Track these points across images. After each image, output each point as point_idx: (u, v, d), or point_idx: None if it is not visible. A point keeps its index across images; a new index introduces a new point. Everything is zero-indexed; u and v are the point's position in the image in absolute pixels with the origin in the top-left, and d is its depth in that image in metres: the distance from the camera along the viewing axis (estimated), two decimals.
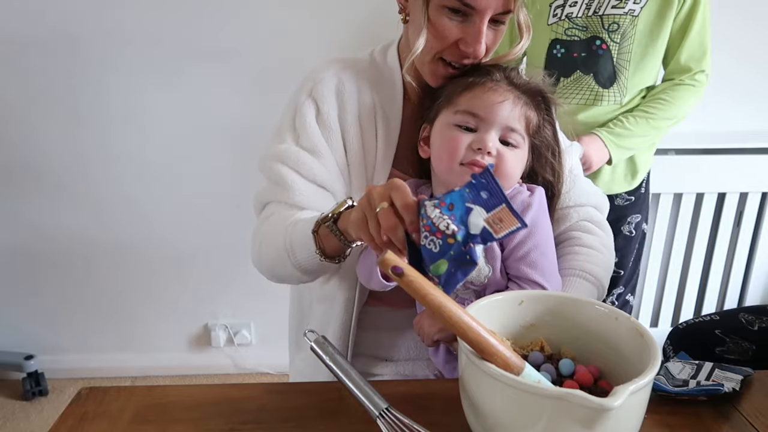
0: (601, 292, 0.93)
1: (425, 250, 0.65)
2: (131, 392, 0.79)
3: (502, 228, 0.62)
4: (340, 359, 0.72)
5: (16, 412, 1.96)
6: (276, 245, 0.91)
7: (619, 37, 1.41)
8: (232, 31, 1.83)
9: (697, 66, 1.47)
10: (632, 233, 1.61)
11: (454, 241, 0.63)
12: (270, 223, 0.95)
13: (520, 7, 0.87)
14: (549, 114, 0.93)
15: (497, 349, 0.60)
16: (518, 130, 0.88)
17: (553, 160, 0.94)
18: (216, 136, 1.92)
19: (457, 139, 0.86)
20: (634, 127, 1.45)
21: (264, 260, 0.95)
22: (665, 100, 1.47)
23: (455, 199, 0.64)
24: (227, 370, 2.18)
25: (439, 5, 0.86)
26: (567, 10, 1.41)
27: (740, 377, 0.79)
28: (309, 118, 0.96)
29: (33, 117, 1.89)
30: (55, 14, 1.79)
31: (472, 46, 0.87)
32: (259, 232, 0.96)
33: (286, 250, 0.88)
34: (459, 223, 0.63)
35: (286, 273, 0.92)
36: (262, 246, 0.94)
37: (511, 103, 0.87)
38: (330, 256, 0.86)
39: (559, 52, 1.46)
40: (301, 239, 0.86)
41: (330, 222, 0.82)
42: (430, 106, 0.94)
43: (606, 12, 1.40)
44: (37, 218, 1.99)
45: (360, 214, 0.73)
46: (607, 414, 0.53)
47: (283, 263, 0.90)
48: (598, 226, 1.00)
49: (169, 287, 2.09)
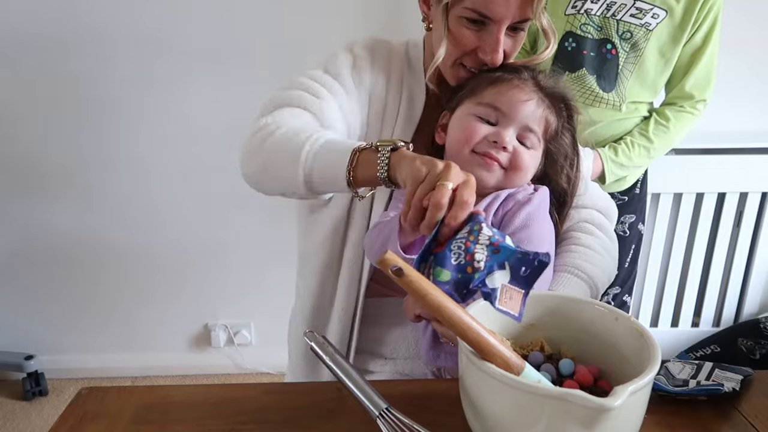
0: (594, 291, 0.92)
1: (448, 251, 0.65)
2: (131, 392, 0.79)
3: (505, 304, 0.62)
4: (340, 359, 0.72)
5: (16, 412, 1.96)
6: (295, 141, 0.83)
7: (629, 47, 1.42)
8: (234, 32, 1.83)
9: (700, 95, 1.48)
10: (626, 233, 1.61)
11: (470, 272, 0.63)
12: (294, 116, 0.90)
13: (542, 13, 0.88)
14: (570, 122, 0.94)
15: (497, 349, 0.60)
16: (536, 132, 0.89)
17: (569, 169, 0.95)
18: (216, 136, 1.92)
19: (475, 128, 0.87)
20: (636, 159, 1.48)
21: (266, 149, 0.85)
22: (666, 127, 1.48)
23: (504, 249, 0.64)
24: (227, 370, 2.18)
25: (458, 15, 0.88)
26: (587, 6, 1.41)
27: (740, 377, 0.79)
28: (343, 61, 0.96)
29: (33, 117, 1.89)
30: (56, 14, 1.79)
31: (489, 55, 0.89)
32: (273, 120, 0.89)
33: (307, 152, 0.81)
34: (487, 268, 0.63)
35: (283, 174, 0.84)
36: (275, 135, 0.86)
37: (535, 104, 0.88)
38: (352, 182, 0.79)
39: (570, 45, 1.45)
40: (333, 150, 0.81)
41: (387, 150, 0.77)
42: (451, 96, 0.95)
43: (623, 18, 1.40)
44: (38, 218, 1.99)
45: (424, 169, 0.70)
46: (607, 414, 0.53)
47: (291, 161, 0.82)
48: (599, 228, 1.00)
49: (169, 287, 2.09)
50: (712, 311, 2.11)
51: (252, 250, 2.05)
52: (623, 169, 1.50)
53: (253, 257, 2.06)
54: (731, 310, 2.11)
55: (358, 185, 0.79)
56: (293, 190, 0.85)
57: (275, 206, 1.97)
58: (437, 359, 0.90)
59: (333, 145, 0.81)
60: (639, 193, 1.62)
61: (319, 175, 0.80)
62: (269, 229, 2.01)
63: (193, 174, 1.97)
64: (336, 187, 0.81)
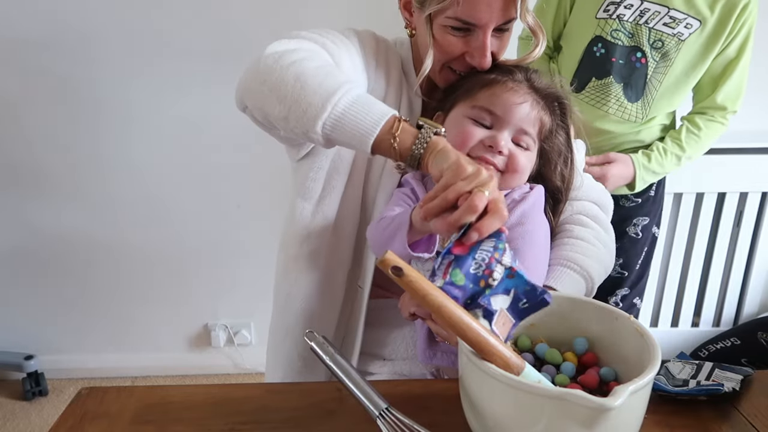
0: (589, 283, 0.91)
1: (471, 258, 0.65)
2: (131, 392, 0.79)
3: (497, 327, 0.64)
4: (340, 359, 0.72)
5: (16, 412, 1.96)
6: (334, 79, 0.78)
7: (659, 56, 1.39)
8: (233, 31, 1.83)
9: (732, 106, 1.46)
10: (638, 235, 1.59)
11: (483, 286, 0.64)
12: (322, 52, 0.86)
13: (527, 11, 0.88)
14: (564, 120, 0.94)
15: (497, 349, 0.60)
16: (531, 134, 0.89)
17: (563, 167, 0.94)
18: (216, 136, 1.92)
19: (470, 131, 0.87)
20: (667, 166, 1.47)
21: (293, 71, 0.78)
22: (698, 136, 1.46)
23: (519, 277, 0.65)
24: (227, 370, 2.18)
25: (442, 24, 0.87)
26: (620, 11, 1.37)
27: (740, 377, 0.79)
28: (351, 39, 0.94)
29: (33, 117, 1.89)
30: (56, 14, 1.79)
31: (477, 60, 0.89)
32: (298, 48, 0.83)
33: (344, 93, 0.76)
34: (498, 287, 0.65)
35: (303, 102, 0.76)
36: (304, 63, 0.79)
37: (529, 106, 0.88)
38: (381, 146, 0.76)
39: (599, 51, 1.41)
40: (373, 103, 0.77)
41: (431, 132, 0.75)
42: (444, 97, 0.95)
43: (656, 26, 1.36)
44: (37, 218, 1.99)
45: (470, 169, 0.68)
46: (607, 414, 0.53)
47: (320, 93, 0.76)
48: (594, 220, 0.99)
49: (169, 287, 2.09)
50: (712, 311, 2.11)
51: (252, 250, 2.05)
52: (654, 176, 1.48)
53: (253, 257, 2.05)
54: (731, 310, 2.11)
55: (380, 150, 0.77)
56: (300, 122, 0.78)
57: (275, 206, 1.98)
58: (433, 358, 0.90)
59: (373, 101, 0.78)
60: (654, 196, 1.59)
61: (352, 119, 0.75)
62: (269, 229, 2.00)
63: (193, 173, 1.97)
64: (356, 140, 0.76)
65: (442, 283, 0.63)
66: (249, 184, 1.97)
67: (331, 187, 0.98)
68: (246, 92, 0.86)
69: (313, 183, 0.98)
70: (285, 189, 1.08)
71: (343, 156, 0.97)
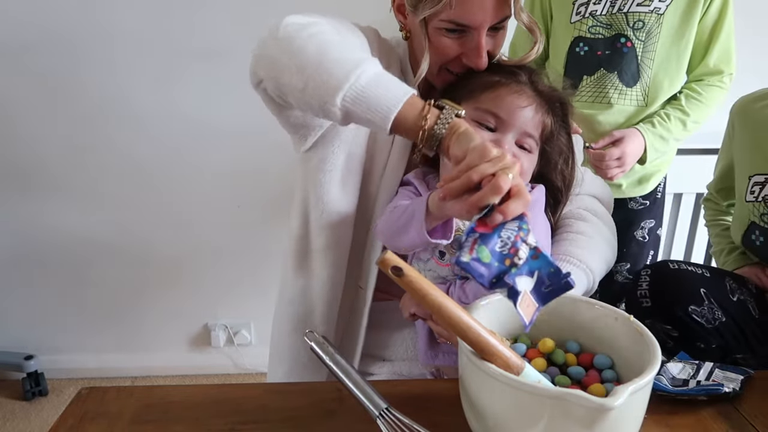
0: (590, 276, 0.91)
1: (496, 236, 0.65)
2: (131, 392, 0.79)
3: (522, 308, 0.63)
4: (340, 359, 0.72)
5: (16, 412, 1.96)
6: (355, 56, 0.76)
7: (644, 35, 1.40)
8: (232, 31, 1.83)
9: (727, 68, 1.46)
10: (645, 238, 1.59)
11: (508, 265, 0.64)
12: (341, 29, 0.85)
13: (521, 10, 0.88)
14: (565, 120, 0.94)
15: (497, 349, 0.60)
16: (534, 136, 0.89)
17: (564, 167, 0.95)
18: (216, 136, 1.92)
19: None
20: (674, 131, 1.44)
21: (315, 43, 0.77)
22: (699, 99, 1.45)
23: (543, 258, 0.65)
24: (227, 370, 2.18)
25: (436, 27, 0.87)
26: (591, 8, 1.39)
27: (740, 377, 0.80)
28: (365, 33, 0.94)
29: (33, 117, 1.89)
30: (56, 14, 1.78)
31: (473, 61, 0.89)
32: (318, 21, 0.83)
33: (365, 68, 0.74)
34: (522, 267, 0.65)
35: (318, 78, 0.74)
36: (325, 34, 0.79)
37: (533, 110, 0.88)
38: (401, 124, 0.74)
39: (582, 50, 1.43)
40: (396, 81, 0.76)
41: (454, 113, 0.74)
42: (444, 98, 0.94)
43: (631, 9, 1.38)
44: (38, 218, 1.99)
45: (495, 151, 0.67)
46: (607, 414, 0.53)
47: (342, 66, 0.74)
48: (595, 214, 0.99)
49: (169, 287, 2.09)
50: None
51: (252, 250, 2.05)
52: (664, 142, 1.44)
53: (253, 257, 2.06)
54: None
55: (400, 129, 0.75)
56: (318, 94, 0.75)
57: (275, 206, 1.98)
58: (435, 359, 0.90)
59: (395, 78, 0.77)
60: (660, 198, 1.60)
61: (373, 93, 0.73)
62: (269, 229, 2.01)
63: (193, 174, 1.97)
64: (378, 116, 0.74)
65: (469, 259, 0.63)
66: (249, 185, 1.97)
67: (343, 183, 0.97)
68: (262, 60, 0.83)
69: (324, 175, 0.95)
70: (285, 189, 1.08)
71: (353, 153, 0.96)
